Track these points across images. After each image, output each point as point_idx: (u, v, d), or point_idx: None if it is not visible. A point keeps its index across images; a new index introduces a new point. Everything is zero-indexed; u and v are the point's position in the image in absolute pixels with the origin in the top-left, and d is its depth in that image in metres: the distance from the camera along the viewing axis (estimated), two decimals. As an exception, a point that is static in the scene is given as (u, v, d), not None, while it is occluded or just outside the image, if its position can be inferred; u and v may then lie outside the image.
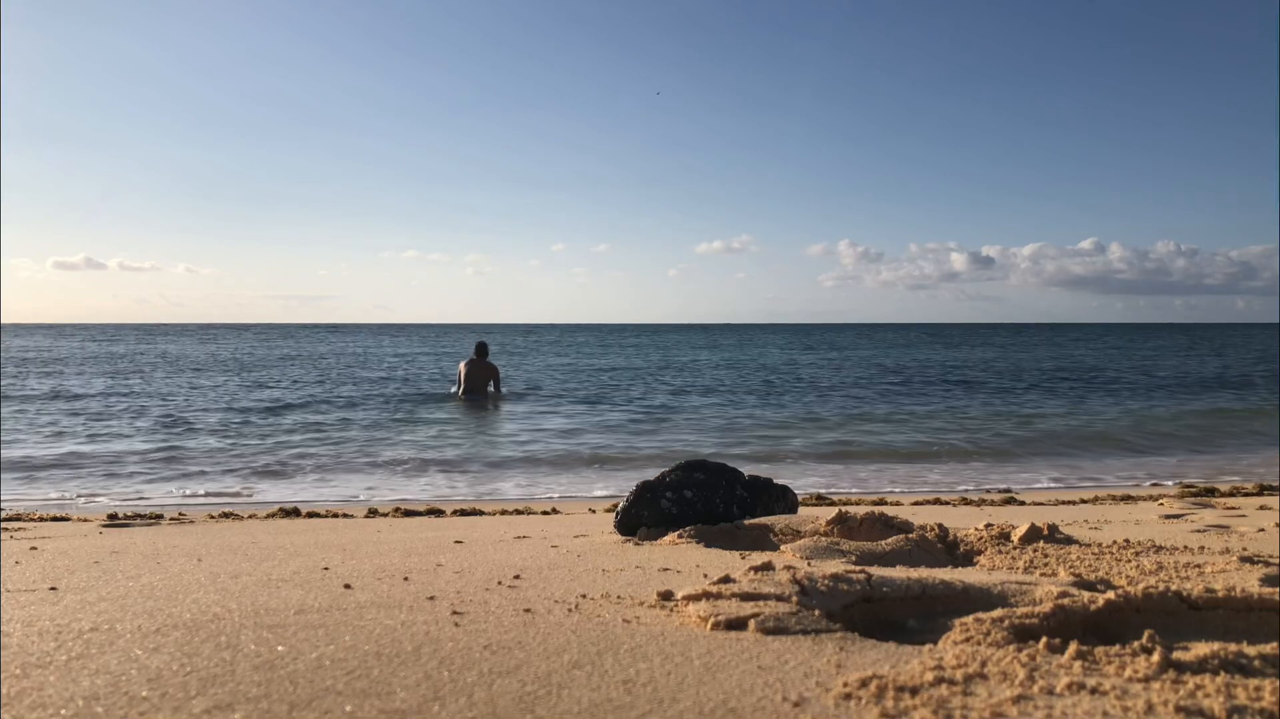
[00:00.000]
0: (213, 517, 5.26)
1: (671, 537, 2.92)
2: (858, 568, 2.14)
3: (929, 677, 1.28)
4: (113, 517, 5.10)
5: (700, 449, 10.38)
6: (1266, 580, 1.93)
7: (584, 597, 1.94)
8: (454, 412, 14.09)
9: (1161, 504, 5.18)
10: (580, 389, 19.47)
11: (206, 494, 7.54)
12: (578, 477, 8.57)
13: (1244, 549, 2.72)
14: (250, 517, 5.26)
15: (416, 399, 16.45)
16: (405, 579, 2.19)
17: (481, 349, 15.60)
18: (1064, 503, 5.71)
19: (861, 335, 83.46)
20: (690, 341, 61.68)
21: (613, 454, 10.02)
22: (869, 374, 24.87)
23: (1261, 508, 4.55)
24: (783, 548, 2.71)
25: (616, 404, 15.95)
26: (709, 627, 1.61)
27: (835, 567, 2.25)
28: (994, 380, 22.01)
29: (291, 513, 5.39)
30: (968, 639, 1.51)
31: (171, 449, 10.14)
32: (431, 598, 1.93)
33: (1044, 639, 1.42)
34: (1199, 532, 3.38)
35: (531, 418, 13.51)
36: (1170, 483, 7.60)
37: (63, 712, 1.21)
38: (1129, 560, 2.33)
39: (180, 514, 5.47)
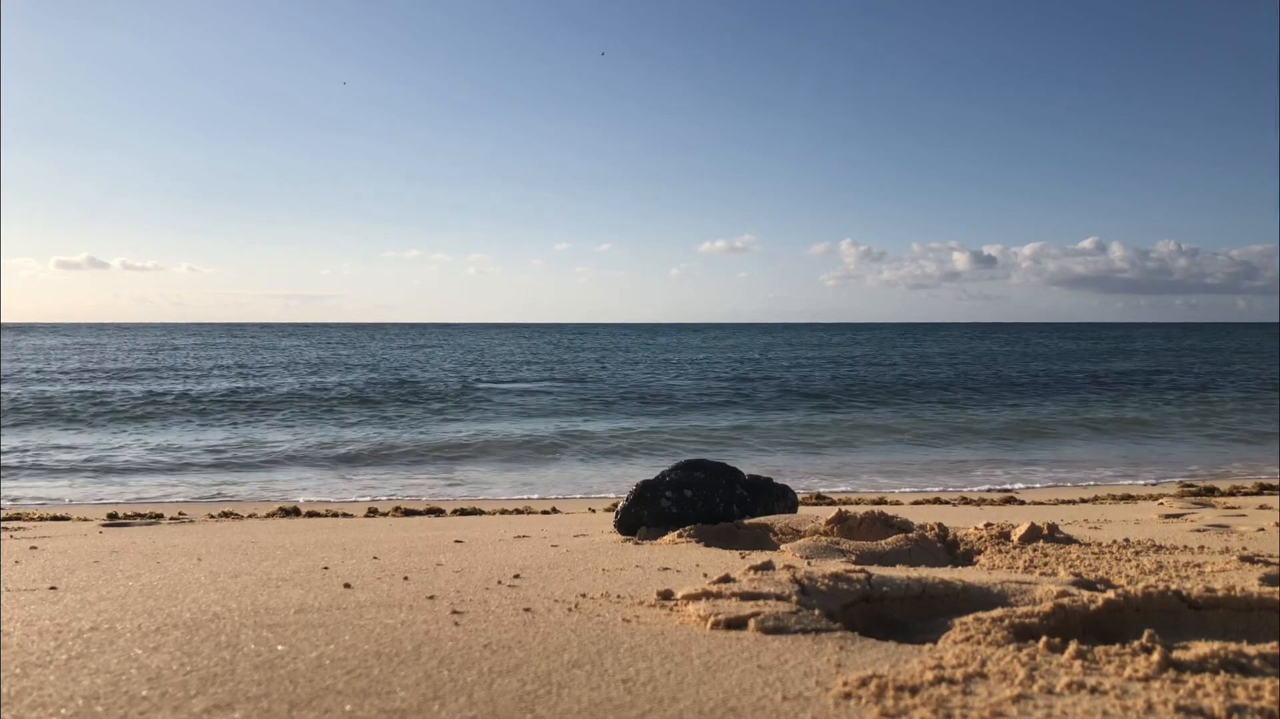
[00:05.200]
0: (212, 516, 5.27)
1: (671, 536, 2.92)
2: (858, 567, 2.14)
3: (929, 676, 1.28)
4: (113, 516, 5.11)
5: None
6: (1266, 580, 1.93)
7: (584, 596, 1.94)
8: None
9: (1161, 504, 5.18)
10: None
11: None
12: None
13: (1244, 549, 2.72)
14: (250, 516, 5.26)
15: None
16: (405, 578, 2.19)
17: None
18: (1064, 502, 5.71)
19: (921, 334, 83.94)
20: (781, 341, 62.29)
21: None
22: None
23: (1261, 507, 4.55)
24: (783, 547, 2.71)
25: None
26: (709, 626, 1.61)
27: (835, 566, 2.25)
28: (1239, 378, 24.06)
29: (291, 512, 5.39)
30: (968, 639, 1.51)
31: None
32: (431, 597, 1.93)
33: (1044, 639, 1.42)
34: (1199, 531, 3.38)
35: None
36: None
37: (63, 711, 1.21)
38: (1129, 560, 2.33)
39: (180, 513, 5.48)
